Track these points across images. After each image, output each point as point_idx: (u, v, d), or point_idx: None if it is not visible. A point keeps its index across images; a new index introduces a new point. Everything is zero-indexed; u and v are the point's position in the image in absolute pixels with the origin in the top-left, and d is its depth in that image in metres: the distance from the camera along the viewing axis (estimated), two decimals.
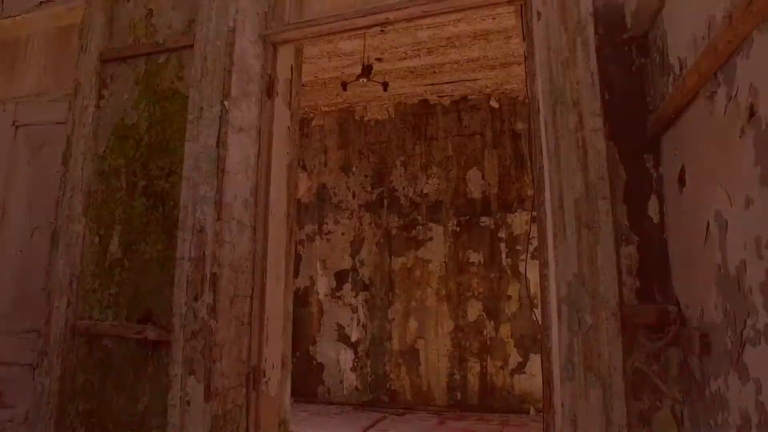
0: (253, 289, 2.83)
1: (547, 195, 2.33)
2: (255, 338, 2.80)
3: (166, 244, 2.79)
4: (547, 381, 2.36)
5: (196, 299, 2.62)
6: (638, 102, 2.28)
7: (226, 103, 2.78)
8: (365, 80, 5.85)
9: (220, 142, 2.75)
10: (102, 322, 2.85)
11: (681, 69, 1.94)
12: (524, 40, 2.77)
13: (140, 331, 2.72)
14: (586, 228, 2.17)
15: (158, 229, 2.82)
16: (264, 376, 2.83)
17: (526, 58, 2.74)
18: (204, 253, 2.65)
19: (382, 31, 5.40)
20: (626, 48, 2.34)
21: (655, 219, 2.17)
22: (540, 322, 2.45)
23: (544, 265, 2.42)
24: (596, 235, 2.15)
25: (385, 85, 6.02)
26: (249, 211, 2.86)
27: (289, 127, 3.19)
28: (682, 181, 1.97)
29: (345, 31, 3.00)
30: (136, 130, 2.98)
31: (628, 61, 2.33)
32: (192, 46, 2.90)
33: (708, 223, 1.73)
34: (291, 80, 3.23)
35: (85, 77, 3.05)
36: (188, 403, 2.55)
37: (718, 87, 1.63)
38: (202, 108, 2.81)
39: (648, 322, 2.07)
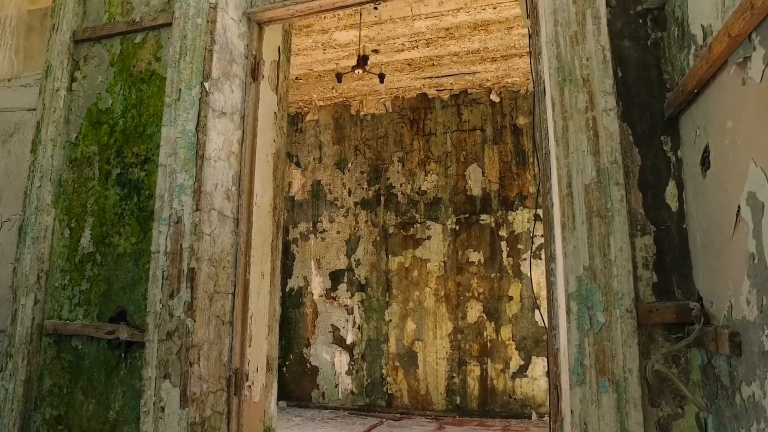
0: (235, 286, 2.62)
1: (554, 182, 2.12)
2: (237, 339, 2.59)
3: (141, 236, 2.58)
4: (555, 386, 2.15)
5: (172, 296, 2.41)
6: (654, 79, 2.08)
7: (206, 84, 2.57)
8: (361, 71, 5.65)
9: (200, 127, 2.54)
10: (72, 321, 2.64)
11: (705, 38, 1.73)
12: (528, 16, 2.57)
13: (112, 331, 2.51)
14: (597, 217, 1.96)
15: (133, 221, 2.62)
16: (247, 379, 2.62)
17: (530, 36, 2.54)
18: (181, 246, 2.45)
19: (375, 8, 5.20)
20: (641, 21, 2.14)
21: (674, 207, 1.97)
22: (546, 322, 2.24)
23: (550, 259, 2.22)
24: (609, 225, 1.94)
25: (382, 77, 5.82)
26: (231, 201, 2.66)
27: (276, 113, 2.98)
28: (705, 164, 1.76)
29: (335, 8, 2.79)
30: (110, 115, 2.77)
31: (642, 35, 2.12)
32: (170, 24, 2.69)
33: (738, 207, 1.52)
34: (278, 63, 3.02)
35: (56, 59, 2.84)
36: (162, 409, 2.34)
37: (753, 51, 1.42)
38: (180, 90, 2.60)
39: (666, 320, 1.87)
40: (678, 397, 1.80)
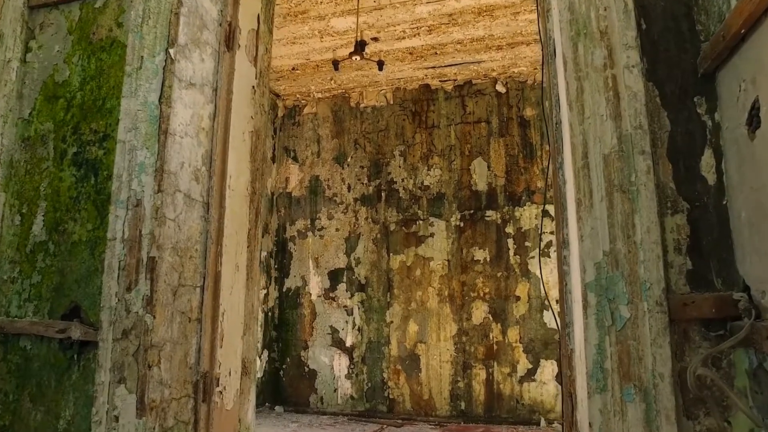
0: (204, 279, 2.31)
1: (567, 154, 1.81)
2: (206, 338, 2.28)
3: (98, 223, 2.28)
4: (569, 393, 1.83)
5: (129, 289, 2.11)
6: (685, 31, 1.76)
7: (171, 51, 2.27)
8: (358, 58, 5.35)
9: (164, 98, 2.24)
10: (20, 318, 2.33)
11: None
12: None
13: (63, 330, 2.21)
14: (619, 192, 1.65)
15: (89, 206, 2.31)
16: (218, 384, 2.31)
17: None
18: (140, 232, 2.14)
19: None
20: None
21: (711, 179, 1.65)
22: (558, 319, 1.93)
23: (562, 245, 1.90)
24: (633, 202, 1.63)
25: (381, 64, 5.51)
26: (200, 183, 2.35)
27: (254, 88, 2.68)
28: (753, 123, 1.44)
29: None
30: (67, 88, 2.47)
31: None
32: None
33: None
34: (257, 33, 2.72)
35: (8, 27, 2.55)
36: (116, 418, 2.03)
37: None
38: (142, 58, 2.30)
39: (705, 315, 1.55)
40: (721, 407, 1.48)
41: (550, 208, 6.84)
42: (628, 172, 1.65)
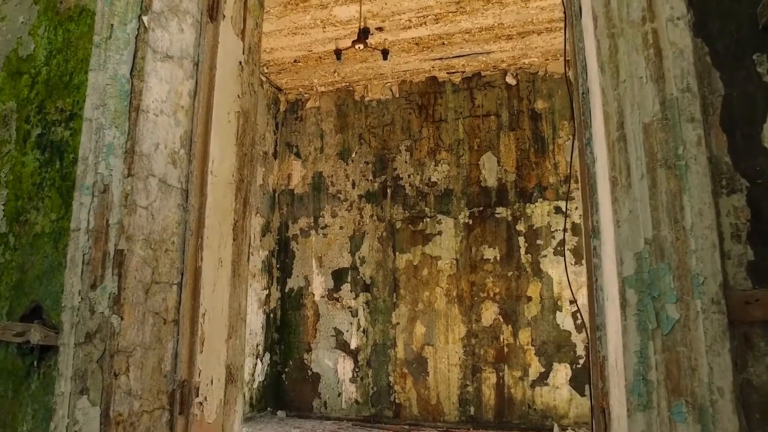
0: (182, 275, 2.05)
1: (598, 125, 1.53)
2: (184, 342, 2.01)
3: (62, 212, 2.02)
4: (601, 407, 1.55)
5: (93, 287, 1.85)
6: None
7: (145, 19, 2.01)
8: (362, 47, 5.09)
9: (136, 71, 1.98)
10: None
11: None
12: None
13: (22, 333, 1.95)
14: (664, 168, 1.37)
15: (53, 193, 2.06)
16: (197, 394, 2.05)
17: None
18: (107, 221, 1.88)
19: None
20: None
21: None
22: (586, 320, 1.65)
23: (591, 235, 1.62)
24: (681, 179, 1.35)
25: (385, 53, 5.25)
26: (178, 167, 2.09)
27: (241, 64, 2.41)
28: None
29: None
30: (32, 63, 2.22)
31: None
32: None
33: None
34: (245, 3, 2.46)
35: None
36: None
37: None
38: (112, 26, 2.04)
39: None
40: None
41: (563, 204, 6.60)
42: (674, 143, 1.37)
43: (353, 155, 7.06)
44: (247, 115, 2.46)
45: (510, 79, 6.66)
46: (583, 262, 6.12)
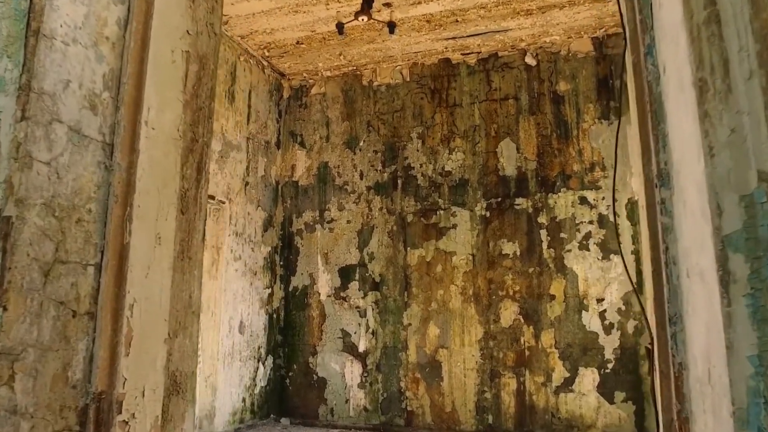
0: (102, 253, 1.57)
1: (668, 9, 1.01)
2: (103, 342, 1.53)
3: None
4: (677, 430, 1.02)
5: None
6: None
7: None
8: (365, 18, 4.61)
9: None
10: None
11: None
12: None
13: None
14: None
15: None
16: (120, 411, 1.56)
17: None
18: None
19: None
20: None
21: None
22: (650, 313, 1.13)
23: (657, 183, 1.11)
24: None
25: (392, 26, 4.76)
26: (100, 114, 1.61)
27: None
28: None
29: None
30: None
31: None
32: None
33: None
34: None
35: None
36: None
37: None
38: None
39: None
40: None
41: (588, 194, 6.07)
42: None
43: (361, 144, 6.59)
44: (204, 60, 1.97)
45: (530, 60, 6.14)
46: (612, 257, 5.60)
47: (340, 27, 4.82)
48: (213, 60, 2.03)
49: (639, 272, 5.45)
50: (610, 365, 5.41)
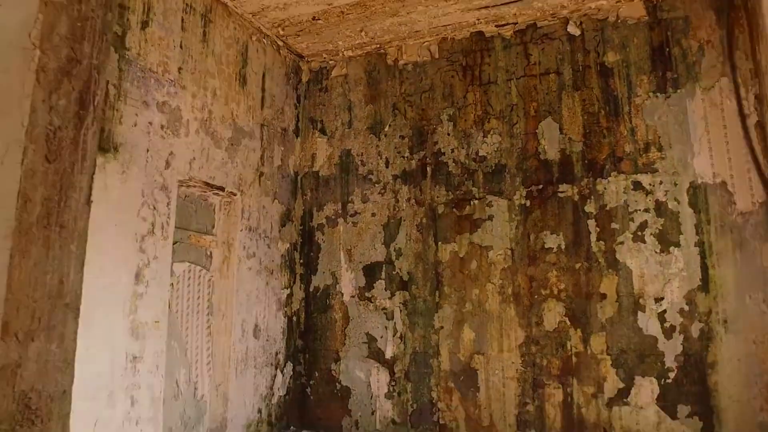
0: None
1: None
2: None
3: None
4: None
5: None
6: None
7: None
8: None
9: None
10: None
11: None
12: None
13: None
14: None
15: None
16: None
17: None
18: None
19: None
20: None
21: None
22: None
23: None
24: None
25: None
26: None
27: None
28: None
29: None
30: None
31: None
32: None
33: None
34: None
35: None
36: None
37: None
38: None
39: None
40: None
41: (643, 179, 5.37)
42: None
43: (386, 129, 6.06)
44: None
45: (573, 29, 5.49)
46: (672, 249, 4.90)
47: None
48: None
49: (704, 267, 4.75)
50: (671, 374, 4.71)
